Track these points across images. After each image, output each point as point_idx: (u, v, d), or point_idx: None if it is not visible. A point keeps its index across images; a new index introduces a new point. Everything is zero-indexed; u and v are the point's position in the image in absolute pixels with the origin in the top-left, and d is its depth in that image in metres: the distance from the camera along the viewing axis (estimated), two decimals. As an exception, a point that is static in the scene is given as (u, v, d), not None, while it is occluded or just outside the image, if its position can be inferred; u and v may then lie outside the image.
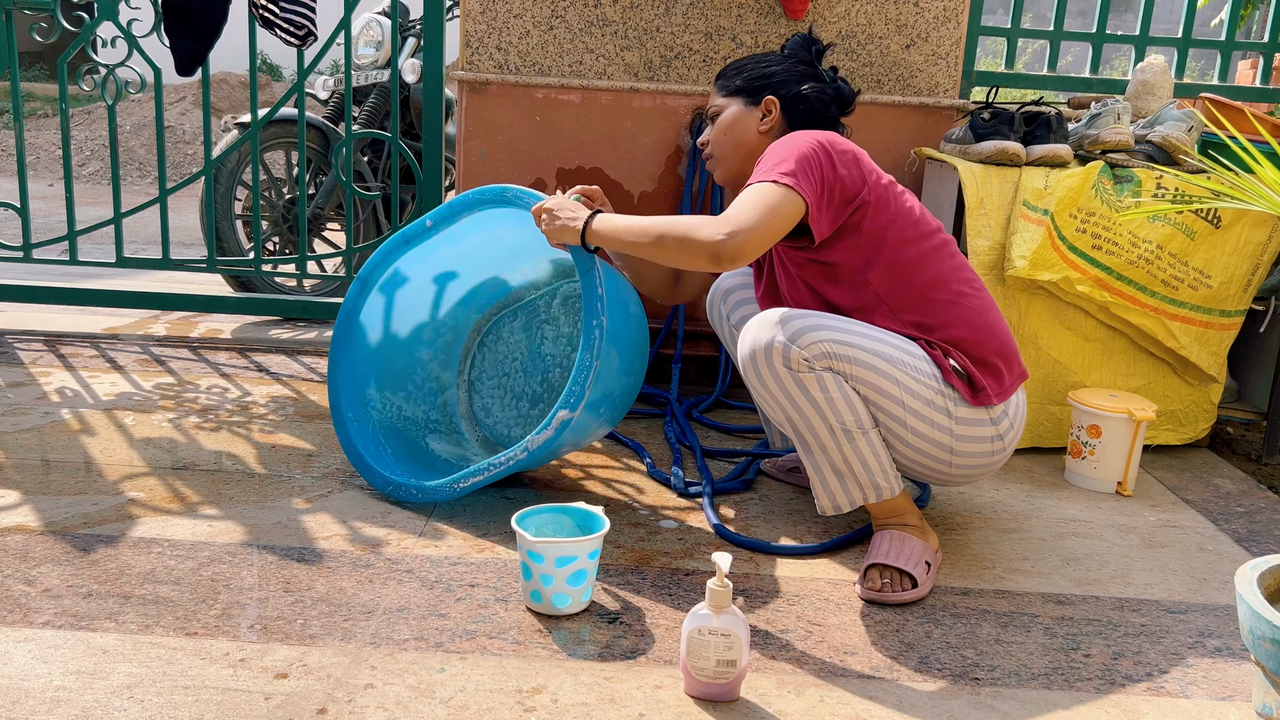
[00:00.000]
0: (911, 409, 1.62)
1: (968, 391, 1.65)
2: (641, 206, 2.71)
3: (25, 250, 2.96)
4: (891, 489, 1.68)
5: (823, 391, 1.58)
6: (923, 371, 1.63)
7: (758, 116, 1.83)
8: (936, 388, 1.63)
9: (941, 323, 1.69)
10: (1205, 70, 11.21)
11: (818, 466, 1.67)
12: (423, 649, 1.42)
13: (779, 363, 1.57)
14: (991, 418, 1.68)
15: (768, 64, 1.85)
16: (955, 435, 1.65)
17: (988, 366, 1.68)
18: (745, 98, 1.85)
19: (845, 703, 1.35)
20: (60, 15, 2.79)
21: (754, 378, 1.61)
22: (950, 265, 1.72)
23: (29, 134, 8.47)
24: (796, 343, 1.56)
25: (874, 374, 1.59)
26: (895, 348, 1.63)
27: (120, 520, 1.77)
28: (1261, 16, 5.85)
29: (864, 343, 1.60)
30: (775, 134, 1.83)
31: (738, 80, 1.86)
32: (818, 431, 1.62)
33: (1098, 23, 2.78)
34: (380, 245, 2.05)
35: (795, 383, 1.58)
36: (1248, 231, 2.28)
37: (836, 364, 1.58)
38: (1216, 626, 1.62)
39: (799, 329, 1.57)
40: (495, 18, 2.61)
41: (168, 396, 2.45)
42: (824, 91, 1.82)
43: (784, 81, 1.82)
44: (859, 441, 1.62)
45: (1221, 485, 2.27)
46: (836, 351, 1.58)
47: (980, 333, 1.69)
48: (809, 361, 1.57)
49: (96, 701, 1.26)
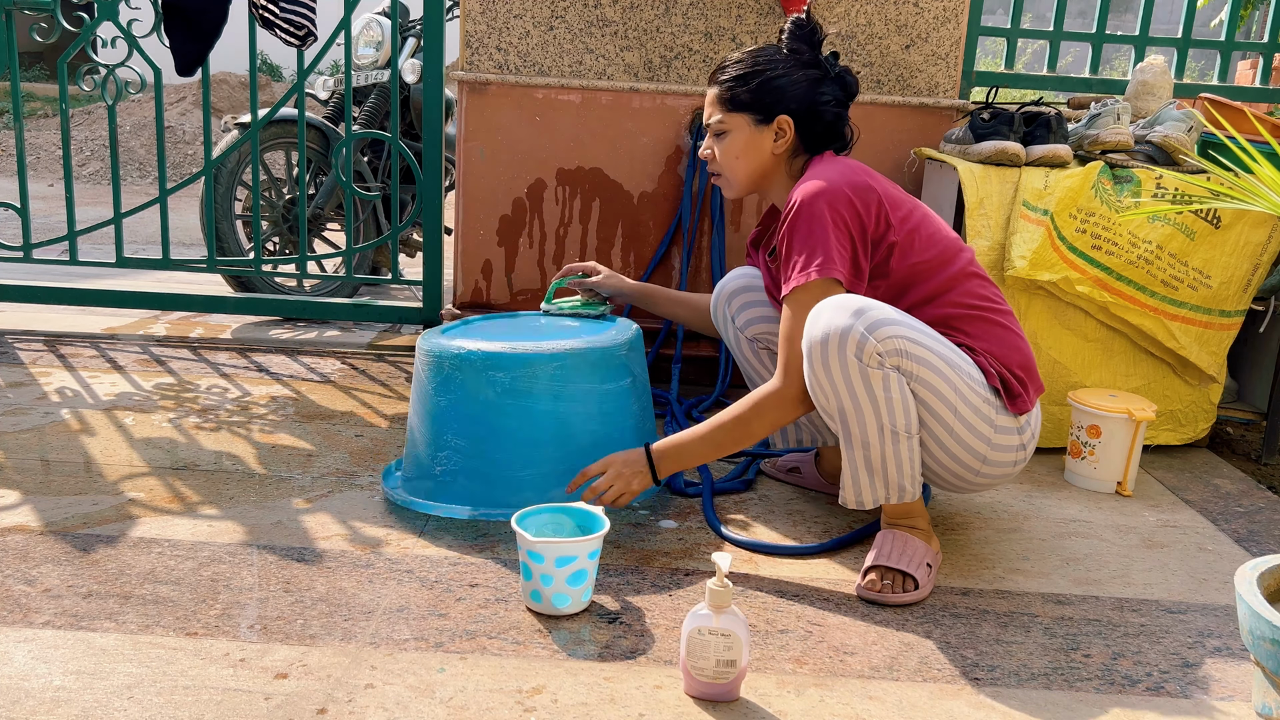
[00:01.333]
0: (961, 415, 1.61)
1: (1006, 398, 1.66)
2: (641, 206, 2.71)
3: (25, 250, 2.97)
4: (914, 493, 1.68)
5: (885, 390, 1.57)
6: (974, 378, 1.63)
7: (770, 138, 1.77)
8: (984, 395, 1.63)
9: (977, 337, 1.69)
10: (1205, 70, 11.21)
11: (853, 460, 1.65)
12: (423, 649, 1.42)
13: (852, 352, 1.55)
14: (1018, 427, 1.68)
15: (774, 73, 1.75)
16: (992, 444, 1.65)
17: (1017, 378, 1.69)
18: (754, 115, 1.76)
19: (845, 703, 1.35)
20: (60, 15, 2.79)
21: (819, 362, 1.58)
22: (976, 282, 1.73)
23: (29, 134, 8.47)
24: (874, 334, 1.55)
25: (937, 377, 1.59)
26: (954, 351, 1.63)
27: (120, 520, 1.77)
28: (1261, 16, 5.85)
29: (931, 343, 1.59)
30: (789, 153, 1.79)
31: (743, 93, 1.76)
32: (867, 427, 1.60)
33: (1098, 23, 2.78)
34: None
35: (861, 375, 1.56)
36: (1247, 231, 2.28)
37: (905, 363, 1.57)
38: (1216, 626, 1.62)
39: (877, 320, 1.55)
40: (495, 18, 2.61)
41: (168, 396, 2.45)
42: (835, 97, 1.77)
43: (796, 96, 1.75)
44: (902, 445, 1.62)
45: (1221, 485, 2.27)
46: (909, 350, 1.56)
47: (1006, 346, 1.70)
48: (881, 357, 1.55)
49: (96, 701, 1.26)
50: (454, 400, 1.80)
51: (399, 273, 3.05)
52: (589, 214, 2.72)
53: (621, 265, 2.75)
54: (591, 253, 2.74)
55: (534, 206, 2.72)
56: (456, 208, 2.76)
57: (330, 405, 2.46)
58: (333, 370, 2.76)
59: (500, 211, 2.72)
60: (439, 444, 1.83)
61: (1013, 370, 1.68)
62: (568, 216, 2.73)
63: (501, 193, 2.71)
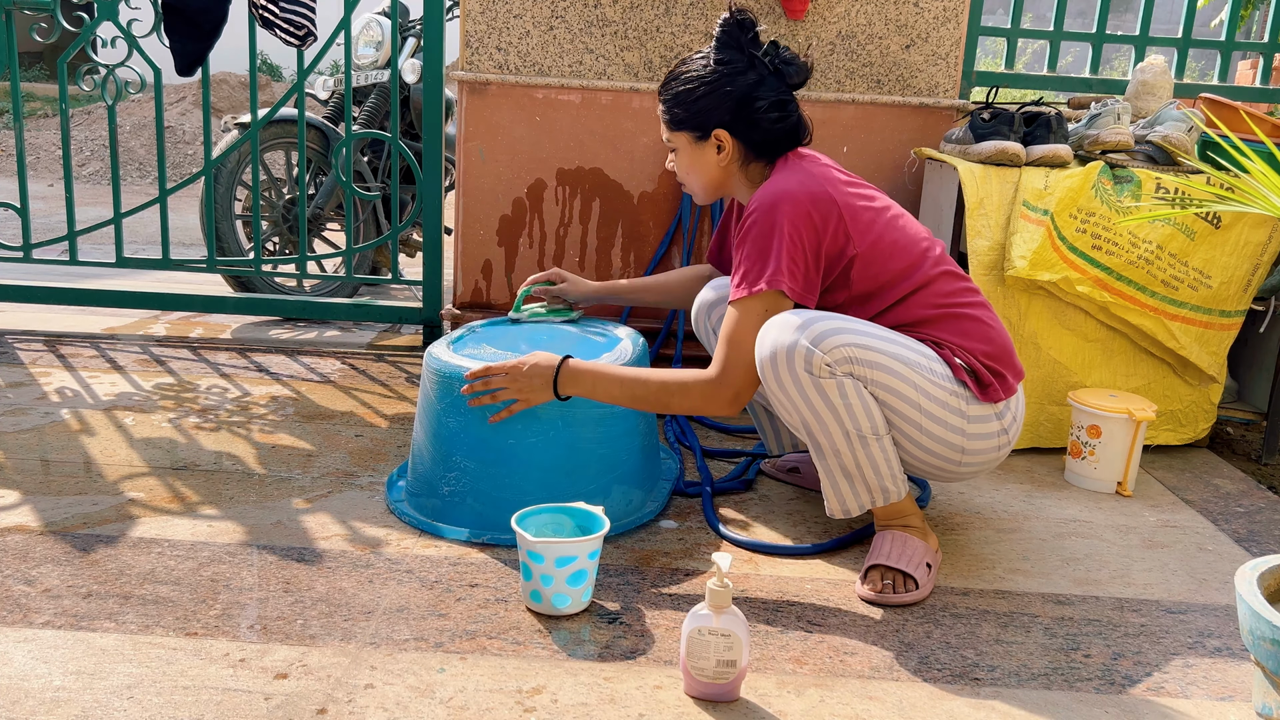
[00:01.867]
0: (927, 411, 1.61)
1: (976, 388, 1.65)
2: (641, 206, 2.71)
3: (25, 250, 2.97)
4: (899, 492, 1.68)
5: (842, 398, 1.57)
6: (936, 373, 1.62)
7: (712, 151, 1.74)
8: (950, 388, 1.63)
9: (943, 334, 1.69)
10: (1205, 70, 11.21)
11: (829, 470, 1.66)
12: (423, 649, 1.42)
13: (800, 367, 1.56)
14: (997, 413, 1.68)
15: (701, 90, 1.70)
16: (967, 435, 1.66)
17: (987, 367, 1.69)
18: (692, 133, 1.74)
19: (845, 703, 1.35)
20: (60, 15, 2.79)
21: (772, 380, 1.59)
22: (942, 281, 1.71)
23: (29, 134, 8.47)
24: (819, 346, 1.55)
25: (893, 377, 1.59)
26: (911, 349, 1.62)
27: (120, 520, 1.77)
28: (1261, 16, 5.85)
29: (883, 345, 1.59)
30: (739, 160, 1.75)
31: (678, 112, 1.74)
32: (833, 436, 1.61)
33: (1098, 23, 2.78)
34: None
35: (815, 387, 1.57)
36: (1247, 232, 2.28)
37: (857, 369, 1.57)
38: (1216, 626, 1.62)
39: (821, 332, 1.56)
40: (495, 18, 2.61)
41: (168, 396, 2.45)
42: (773, 98, 1.70)
43: (727, 109, 1.70)
44: (872, 447, 1.62)
45: (1221, 485, 2.27)
46: (858, 356, 1.57)
47: (973, 337, 1.69)
48: (831, 366, 1.55)
49: (96, 702, 1.26)
50: (464, 423, 1.79)
51: (399, 273, 3.05)
52: (589, 214, 2.72)
53: (621, 265, 2.75)
54: (591, 253, 2.74)
55: (534, 206, 2.72)
56: (456, 208, 2.76)
57: (330, 405, 2.46)
58: (333, 370, 2.76)
59: (500, 211, 2.73)
60: (447, 464, 1.81)
61: (980, 359, 1.67)
62: (568, 216, 2.73)
63: (501, 193, 2.71)
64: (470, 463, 1.80)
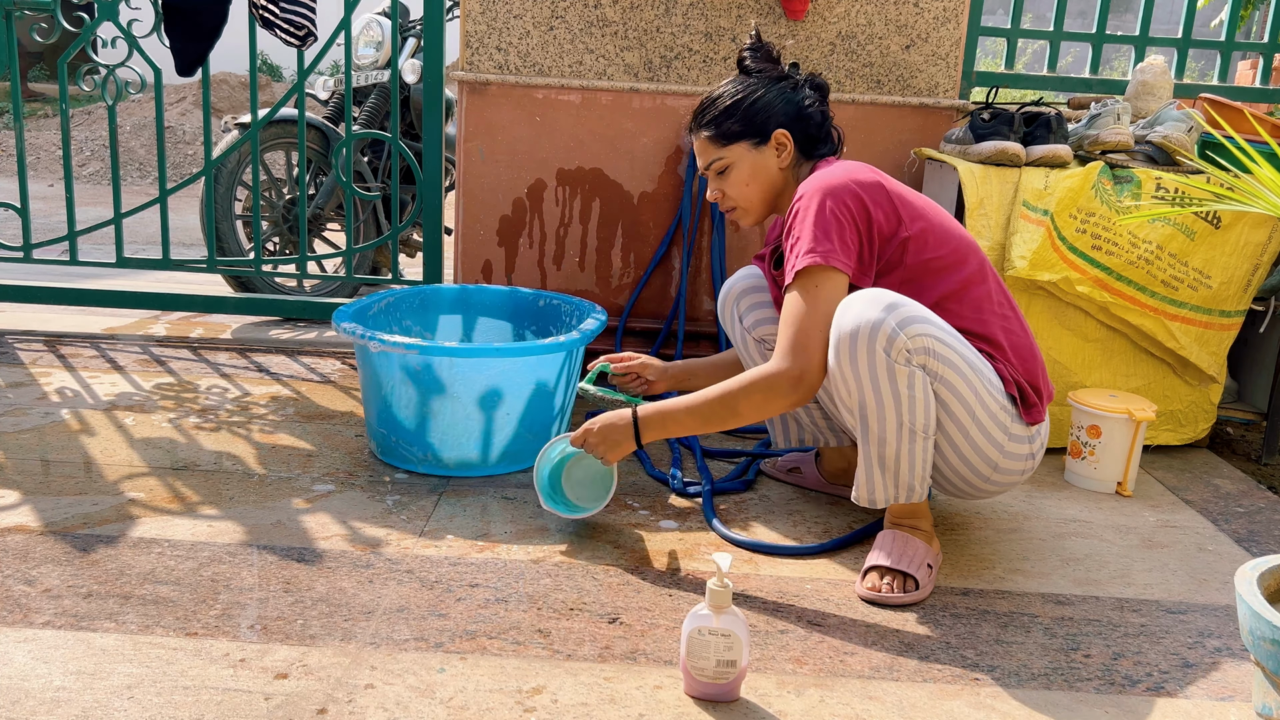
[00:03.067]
0: (979, 419, 1.61)
1: (1022, 408, 1.65)
2: (641, 206, 2.71)
3: (25, 250, 2.97)
4: (921, 494, 1.68)
5: (909, 388, 1.57)
6: (994, 384, 1.63)
7: (773, 154, 1.78)
8: (1001, 402, 1.63)
9: (994, 346, 1.69)
10: (1205, 70, 11.21)
11: (869, 456, 1.65)
12: (423, 649, 1.42)
13: (881, 346, 1.54)
14: (1029, 436, 1.68)
15: (754, 95, 1.77)
16: (1004, 452, 1.66)
17: (1034, 388, 1.69)
18: (750, 140, 1.77)
19: (845, 703, 1.35)
20: (60, 15, 2.79)
21: (845, 355, 1.56)
22: (993, 286, 1.72)
23: (29, 134, 8.47)
24: (905, 331, 1.54)
25: (960, 379, 1.58)
26: (977, 356, 1.62)
27: (120, 520, 1.77)
28: (1261, 17, 5.85)
29: (958, 346, 1.59)
30: (793, 163, 1.80)
31: (733, 124, 1.77)
32: (886, 424, 1.60)
33: (1098, 23, 2.78)
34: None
35: (888, 371, 1.55)
36: (1247, 232, 2.28)
37: (931, 362, 1.56)
38: (1216, 626, 1.62)
39: (909, 316, 1.55)
40: (495, 18, 2.61)
41: (168, 397, 2.45)
42: (814, 97, 1.80)
43: (782, 108, 1.77)
44: (918, 444, 1.61)
45: (1221, 485, 2.27)
46: (936, 350, 1.56)
47: (1024, 354, 1.70)
48: (910, 354, 1.55)
49: (96, 702, 1.26)
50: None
51: (399, 273, 3.05)
52: (589, 214, 2.72)
53: (621, 265, 2.75)
54: (591, 253, 2.74)
55: (534, 207, 2.72)
56: (456, 208, 2.76)
57: (330, 405, 2.46)
58: (333, 370, 2.76)
59: (500, 212, 2.73)
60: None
61: (1030, 380, 1.68)
62: (568, 217, 2.73)
63: (501, 193, 2.71)
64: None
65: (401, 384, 2.00)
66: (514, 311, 2.48)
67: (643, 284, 2.74)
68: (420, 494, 1.96)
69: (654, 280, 2.76)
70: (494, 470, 2.07)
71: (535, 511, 1.91)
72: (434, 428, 2.01)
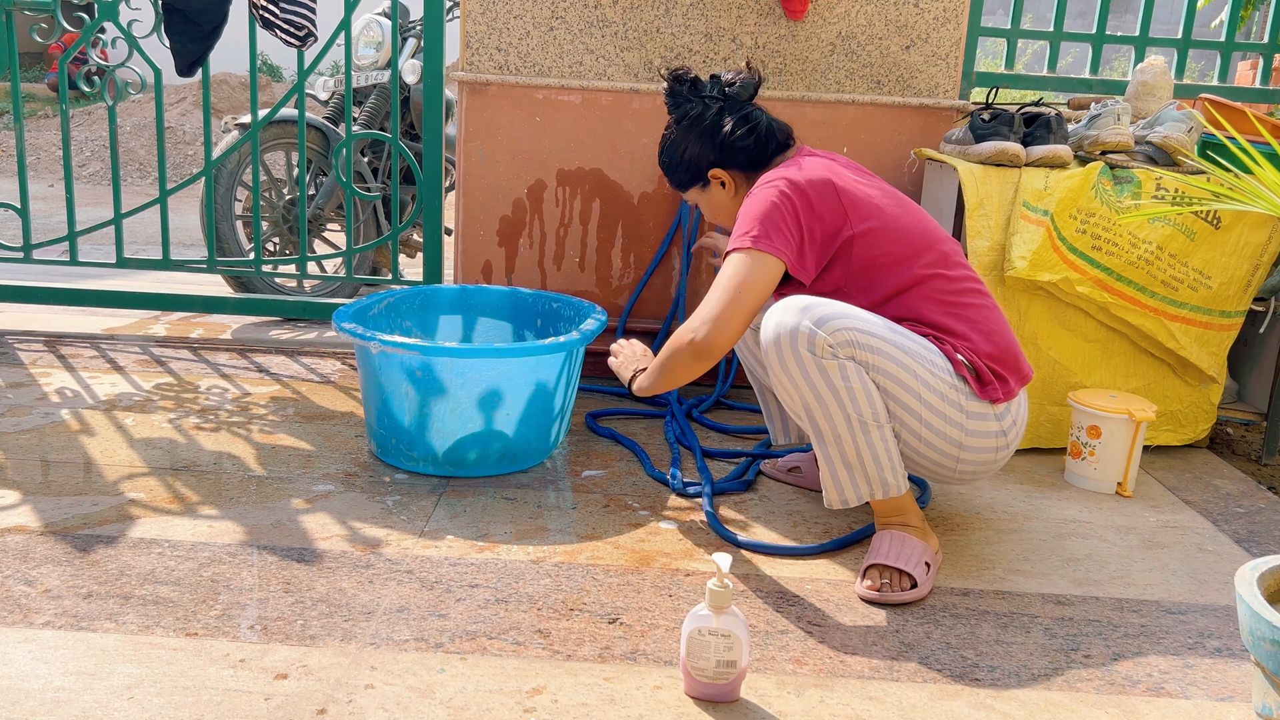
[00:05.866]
0: (927, 402, 1.62)
1: (976, 385, 1.66)
2: (641, 206, 2.71)
3: (25, 251, 2.97)
4: (899, 487, 1.68)
5: (844, 380, 1.59)
6: (937, 365, 1.64)
7: (719, 190, 1.89)
8: (950, 382, 1.64)
9: (945, 330, 1.69)
10: (1205, 71, 11.21)
11: (829, 458, 1.67)
12: (423, 649, 1.42)
13: (804, 348, 1.58)
14: (996, 414, 1.68)
15: (676, 154, 1.89)
16: (966, 430, 1.66)
17: (988, 366, 1.69)
18: (695, 184, 1.91)
19: (845, 703, 1.35)
20: (60, 15, 2.79)
21: (776, 363, 1.62)
22: (950, 276, 1.72)
23: (29, 134, 8.47)
24: (822, 328, 1.57)
25: (894, 365, 1.60)
26: (911, 339, 1.64)
27: (120, 520, 1.77)
28: (1261, 17, 5.85)
29: (885, 333, 1.62)
30: (744, 184, 1.87)
31: (678, 176, 1.92)
32: (834, 421, 1.62)
33: (1098, 23, 2.78)
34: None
35: (818, 369, 1.58)
36: (1247, 232, 2.28)
37: (859, 353, 1.59)
38: (1216, 627, 1.62)
39: (824, 315, 1.59)
40: (495, 18, 2.61)
41: (168, 397, 2.45)
42: (736, 115, 1.83)
43: (704, 154, 1.86)
44: (873, 435, 1.62)
45: (1221, 486, 2.27)
46: (860, 340, 1.58)
47: (977, 333, 1.70)
48: (833, 348, 1.57)
49: (96, 702, 1.26)
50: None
51: (399, 273, 3.05)
52: (589, 214, 2.72)
53: (621, 266, 2.75)
54: (591, 253, 2.74)
55: (534, 207, 2.72)
56: (456, 208, 2.76)
57: (330, 406, 2.46)
58: (333, 370, 2.76)
59: (500, 212, 2.73)
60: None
61: (983, 359, 1.69)
62: (568, 217, 2.73)
63: (501, 193, 2.71)
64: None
65: (402, 384, 2.00)
66: (514, 312, 2.48)
67: (643, 284, 2.75)
68: (420, 494, 1.96)
69: (654, 280, 2.76)
70: (494, 471, 2.07)
71: (535, 512, 1.91)
72: (434, 428, 2.01)
